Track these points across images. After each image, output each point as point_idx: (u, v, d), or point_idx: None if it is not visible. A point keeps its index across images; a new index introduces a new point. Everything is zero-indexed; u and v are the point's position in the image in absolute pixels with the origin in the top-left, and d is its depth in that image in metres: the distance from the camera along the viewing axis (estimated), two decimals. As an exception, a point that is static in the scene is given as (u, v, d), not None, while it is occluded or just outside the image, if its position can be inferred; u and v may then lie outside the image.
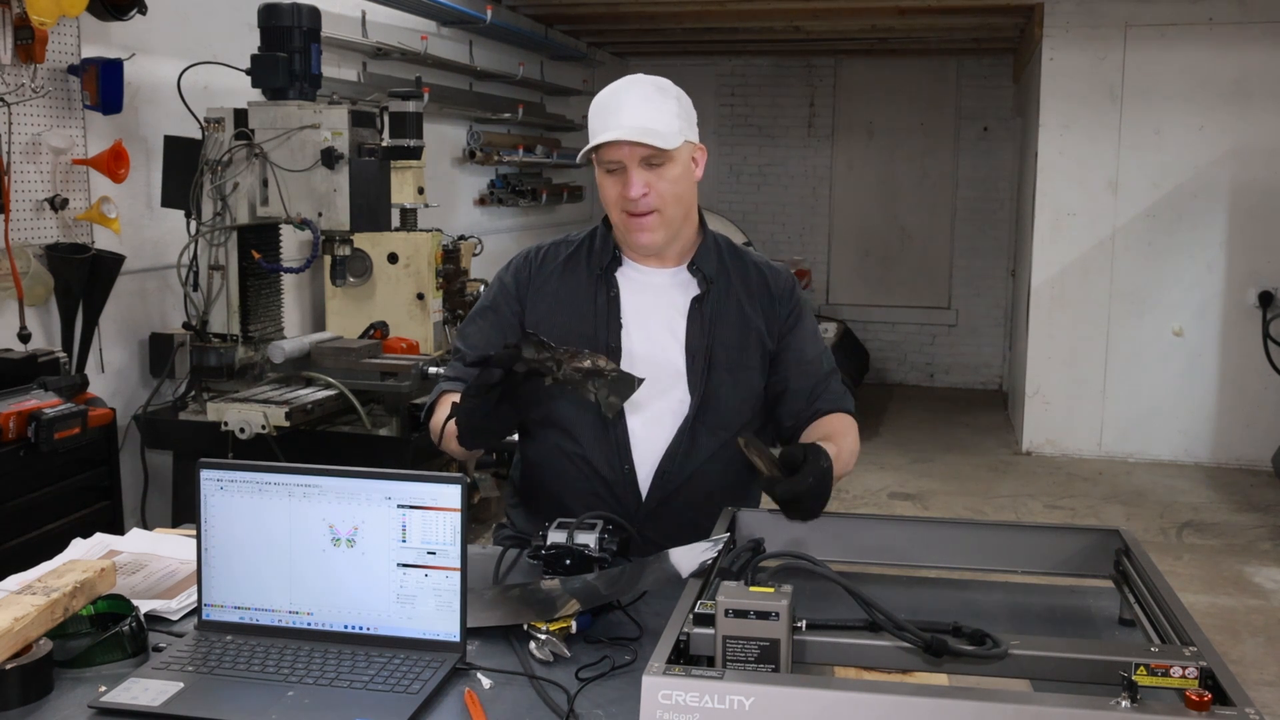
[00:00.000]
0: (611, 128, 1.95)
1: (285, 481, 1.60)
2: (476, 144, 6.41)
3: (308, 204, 3.46)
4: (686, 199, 2.05)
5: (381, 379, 3.61)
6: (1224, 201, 6.60)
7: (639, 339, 2.07)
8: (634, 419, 2.04)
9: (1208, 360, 6.73)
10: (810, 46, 8.77)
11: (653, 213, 1.99)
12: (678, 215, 2.03)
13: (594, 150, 1.99)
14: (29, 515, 2.90)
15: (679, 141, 1.98)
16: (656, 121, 1.96)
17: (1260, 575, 4.89)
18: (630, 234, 2.03)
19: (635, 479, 2.04)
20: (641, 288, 2.10)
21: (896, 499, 6.05)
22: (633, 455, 2.04)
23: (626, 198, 1.98)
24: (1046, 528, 1.82)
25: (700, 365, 2.05)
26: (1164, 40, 6.55)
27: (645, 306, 2.09)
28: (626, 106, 1.97)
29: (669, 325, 2.08)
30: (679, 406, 2.05)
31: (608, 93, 2.02)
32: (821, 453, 1.80)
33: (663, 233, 2.02)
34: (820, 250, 9.41)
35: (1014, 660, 1.34)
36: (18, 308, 3.22)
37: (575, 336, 2.05)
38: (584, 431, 2.05)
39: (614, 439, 2.04)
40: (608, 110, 1.98)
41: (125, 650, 1.56)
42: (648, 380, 2.02)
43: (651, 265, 2.11)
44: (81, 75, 3.40)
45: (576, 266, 2.12)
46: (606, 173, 2.01)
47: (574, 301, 2.09)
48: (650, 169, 1.97)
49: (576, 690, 1.45)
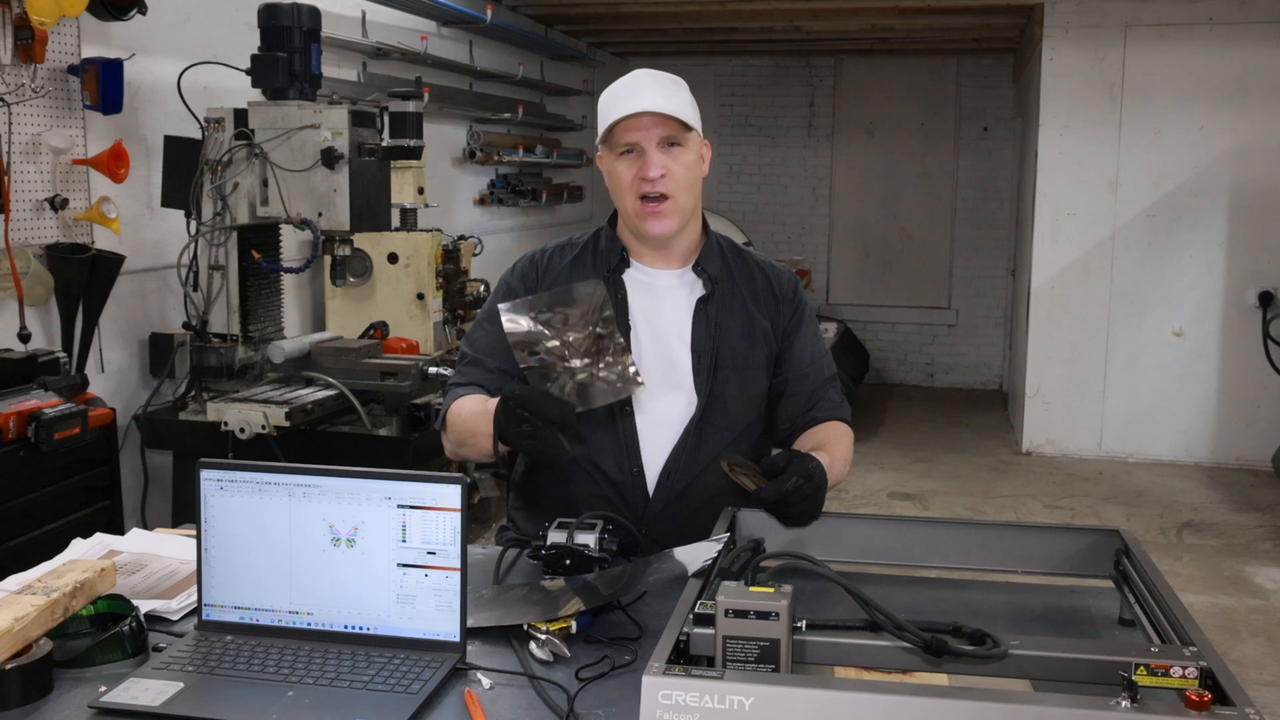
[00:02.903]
0: (632, 105, 1.96)
1: (285, 481, 1.60)
2: (476, 144, 6.41)
3: (308, 204, 3.46)
4: (696, 190, 2.07)
5: (381, 379, 3.61)
6: (1224, 201, 6.60)
7: (647, 341, 2.07)
8: (641, 420, 2.04)
9: (1208, 360, 6.74)
10: (810, 46, 8.77)
11: (667, 200, 2.00)
12: (688, 205, 2.04)
13: (608, 137, 2.00)
14: (29, 515, 2.90)
15: (697, 124, 2.01)
16: (674, 105, 1.98)
17: (1260, 575, 4.89)
18: (644, 222, 2.02)
19: (644, 481, 2.04)
20: (648, 289, 2.10)
21: (896, 499, 6.05)
22: (642, 457, 2.04)
23: (644, 179, 1.98)
24: (1046, 528, 1.82)
25: (706, 365, 2.05)
26: (1164, 40, 6.55)
27: (652, 308, 2.09)
28: (645, 89, 1.99)
29: (675, 326, 2.08)
30: (685, 407, 2.05)
31: (623, 81, 2.04)
32: (807, 457, 1.81)
33: (675, 221, 2.03)
34: (820, 250, 9.41)
35: (1014, 660, 1.34)
36: (18, 308, 3.22)
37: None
38: (592, 434, 2.04)
39: (623, 441, 2.03)
40: (624, 94, 2.00)
41: (125, 650, 1.56)
42: (654, 381, 2.02)
43: (658, 267, 2.11)
44: (81, 75, 3.40)
45: (583, 269, 2.12)
46: (620, 156, 2.01)
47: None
48: (667, 152, 1.99)
49: (576, 690, 1.44)
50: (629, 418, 2.03)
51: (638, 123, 1.97)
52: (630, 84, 2.02)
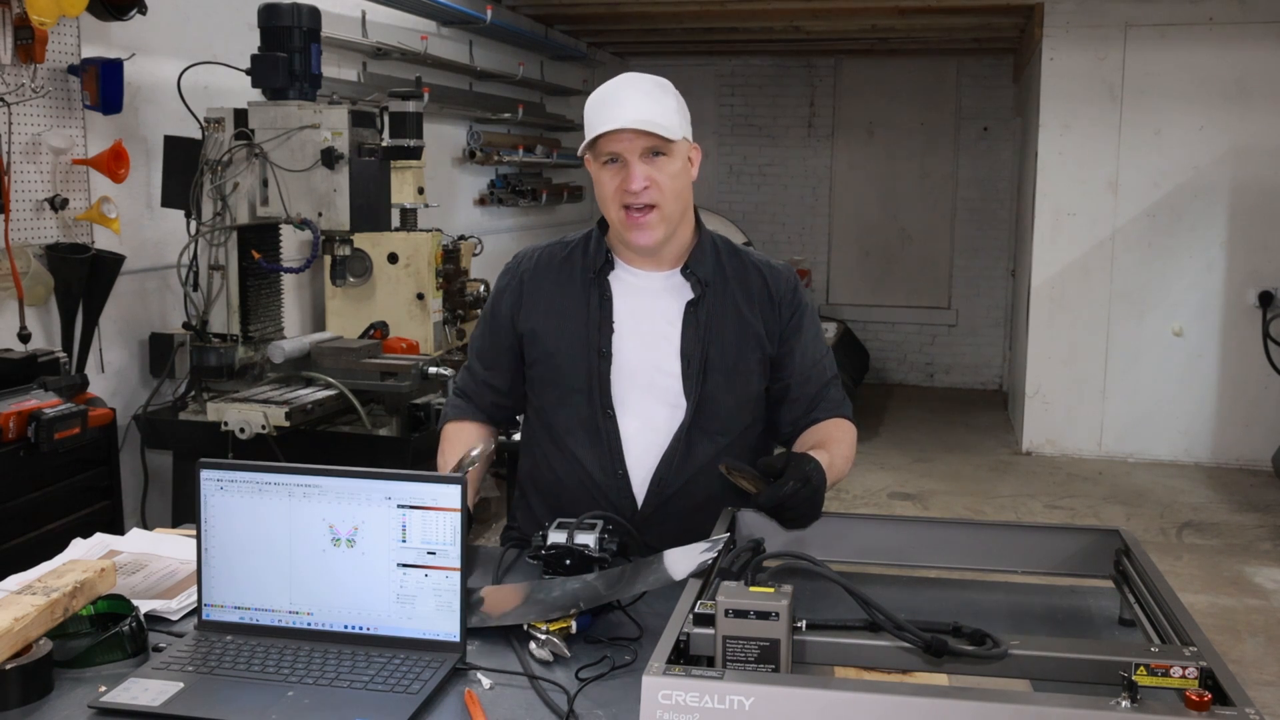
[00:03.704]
0: (613, 119, 1.93)
1: (285, 481, 1.60)
2: (476, 144, 6.41)
3: (308, 204, 3.46)
4: (685, 196, 2.03)
5: (381, 379, 3.61)
6: (1224, 201, 6.60)
7: (632, 343, 2.05)
8: (626, 422, 2.03)
9: (1208, 360, 6.73)
10: (810, 46, 8.77)
11: (653, 209, 1.97)
12: (676, 212, 2.01)
13: (592, 145, 1.98)
14: (29, 515, 2.90)
15: (680, 134, 1.97)
16: (658, 114, 1.94)
17: (1260, 575, 4.89)
18: (629, 232, 2.00)
19: (629, 483, 2.03)
20: (635, 291, 2.07)
21: (896, 499, 6.05)
22: (626, 460, 2.03)
23: (627, 191, 1.95)
24: (1046, 528, 1.82)
25: (695, 370, 2.03)
26: (1164, 40, 6.55)
27: (639, 310, 2.06)
28: (628, 99, 1.95)
29: (663, 330, 2.05)
30: (674, 412, 2.03)
31: (607, 88, 2.00)
32: (805, 458, 1.80)
33: (662, 230, 2.00)
34: (820, 250, 9.41)
35: (1014, 660, 1.34)
36: (18, 308, 3.22)
37: (567, 341, 2.05)
38: (578, 435, 2.05)
39: (605, 444, 2.03)
40: (607, 104, 1.97)
41: (125, 650, 1.56)
42: (639, 385, 2.02)
43: (646, 268, 2.08)
44: (81, 75, 3.40)
45: (571, 269, 2.10)
46: (604, 166, 1.98)
47: (567, 305, 2.08)
48: (650, 162, 1.95)
49: (576, 690, 1.45)
50: (611, 420, 2.03)
51: (620, 134, 1.94)
52: (614, 93, 1.98)
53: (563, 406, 2.06)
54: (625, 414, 2.03)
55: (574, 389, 2.04)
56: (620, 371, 2.04)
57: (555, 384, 2.07)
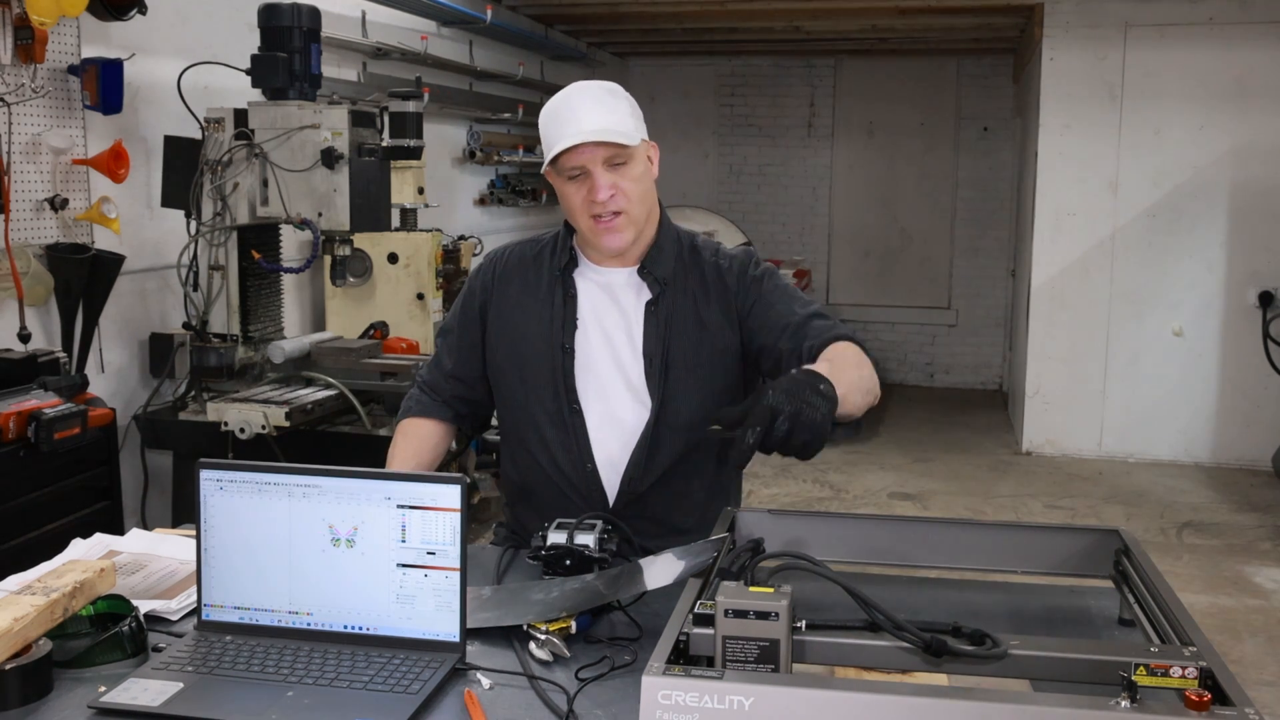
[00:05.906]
0: (571, 134, 1.93)
1: (285, 482, 1.60)
2: (476, 144, 6.41)
3: (308, 204, 3.46)
4: (649, 197, 2.05)
5: (381, 379, 3.61)
6: (1224, 201, 6.60)
7: (596, 340, 2.07)
8: (592, 419, 2.05)
9: (1208, 360, 6.73)
10: (810, 46, 8.77)
11: (620, 214, 1.99)
12: (642, 214, 2.03)
13: (554, 161, 1.98)
14: (29, 515, 2.90)
15: (639, 139, 1.99)
16: (614, 122, 1.95)
17: (1260, 575, 4.89)
18: (599, 238, 2.01)
19: (599, 479, 2.05)
20: (599, 288, 2.10)
21: (896, 499, 6.05)
22: (594, 455, 2.05)
23: (594, 201, 1.96)
24: (1046, 528, 1.82)
25: (657, 368, 2.04)
26: (1164, 40, 6.55)
27: (602, 307, 2.09)
28: (581, 111, 1.96)
29: (626, 328, 2.07)
30: (639, 409, 2.05)
31: (558, 101, 2.00)
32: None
33: (631, 232, 2.02)
34: (820, 250, 9.41)
35: (1014, 660, 1.34)
36: (18, 308, 3.22)
37: (531, 337, 2.08)
38: (546, 431, 2.07)
39: (573, 438, 2.05)
40: (562, 118, 1.97)
41: (125, 650, 1.56)
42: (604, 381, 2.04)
43: (610, 265, 2.10)
44: (81, 75, 3.40)
45: (539, 267, 2.13)
46: (568, 180, 1.99)
47: (532, 303, 2.11)
48: (613, 170, 1.96)
49: (576, 690, 1.45)
50: (577, 415, 2.05)
51: (580, 149, 1.94)
52: (567, 105, 1.98)
53: (531, 402, 2.09)
54: (591, 409, 2.05)
55: (540, 384, 2.07)
56: (584, 367, 2.06)
57: (522, 380, 2.10)
